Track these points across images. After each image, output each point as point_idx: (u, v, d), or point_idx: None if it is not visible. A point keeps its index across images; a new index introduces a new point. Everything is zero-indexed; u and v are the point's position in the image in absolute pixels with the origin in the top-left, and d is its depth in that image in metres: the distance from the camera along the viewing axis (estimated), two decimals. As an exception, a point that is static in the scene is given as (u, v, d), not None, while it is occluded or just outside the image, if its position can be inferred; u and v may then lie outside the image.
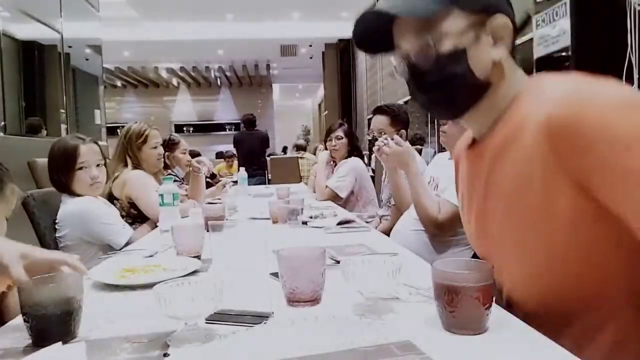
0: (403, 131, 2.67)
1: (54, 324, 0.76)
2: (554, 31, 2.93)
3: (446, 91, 0.86)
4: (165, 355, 0.71)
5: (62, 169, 1.87)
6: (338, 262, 1.14)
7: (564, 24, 2.83)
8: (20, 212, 1.80)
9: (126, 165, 2.38)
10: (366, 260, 0.92)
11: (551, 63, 2.97)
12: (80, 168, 1.87)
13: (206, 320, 0.82)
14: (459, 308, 0.74)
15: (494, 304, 0.76)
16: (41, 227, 1.87)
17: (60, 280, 0.82)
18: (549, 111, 0.75)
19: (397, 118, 2.72)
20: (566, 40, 2.82)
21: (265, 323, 0.83)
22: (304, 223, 1.93)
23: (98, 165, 1.92)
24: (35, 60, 4.03)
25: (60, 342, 0.70)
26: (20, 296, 0.76)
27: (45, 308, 0.75)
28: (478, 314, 0.74)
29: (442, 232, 1.82)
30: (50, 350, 0.66)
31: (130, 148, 2.41)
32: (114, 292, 1.07)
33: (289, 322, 0.84)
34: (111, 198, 2.26)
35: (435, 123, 5.56)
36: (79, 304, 0.79)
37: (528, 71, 0.89)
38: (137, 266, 1.24)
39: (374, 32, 0.90)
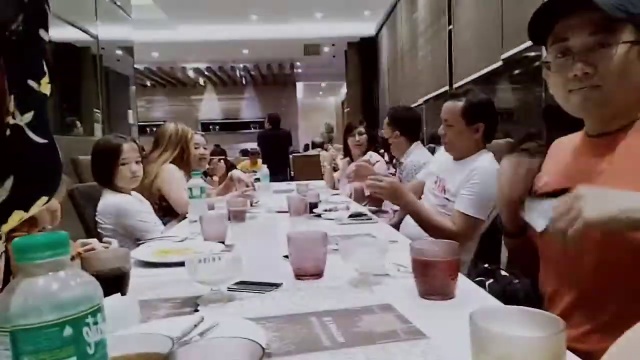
0: (397, 132, 2.88)
1: (109, 286, 0.96)
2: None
3: (610, 90, 0.92)
4: (196, 310, 0.91)
5: (106, 165, 2.09)
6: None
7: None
8: (69, 205, 2.04)
9: (165, 161, 2.56)
10: (361, 241, 1.10)
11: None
12: (123, 164, 2.10)
13: (228, 288, 1.01)
14: (429, 278, 0.91)
15: (460, 275, 0.93)
16: (85, 218, 2.10)
17: (114, 252, 1.03)
18: None
19: (393, 120, 2.93)
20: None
21: (275, 290, 1.02)
22: (319, 215, 2.12)
23: (137, 161, 2.15)
24: (71, 63, 4.28)
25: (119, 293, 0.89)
26: (83, 264, 0.97)
27: (102, 273, 0.95)
28: (445, 283, 0.91)
29: (458, 241, 1.91)
30: (110, 298, 0.86)
31: (184, 145, 2.63)
32: (152, 268, 1.27)
33: (295, 289, 1.03)
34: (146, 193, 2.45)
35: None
36: (128, 272, 1.00)
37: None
38: (171, 249, 1.45)
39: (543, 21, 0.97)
